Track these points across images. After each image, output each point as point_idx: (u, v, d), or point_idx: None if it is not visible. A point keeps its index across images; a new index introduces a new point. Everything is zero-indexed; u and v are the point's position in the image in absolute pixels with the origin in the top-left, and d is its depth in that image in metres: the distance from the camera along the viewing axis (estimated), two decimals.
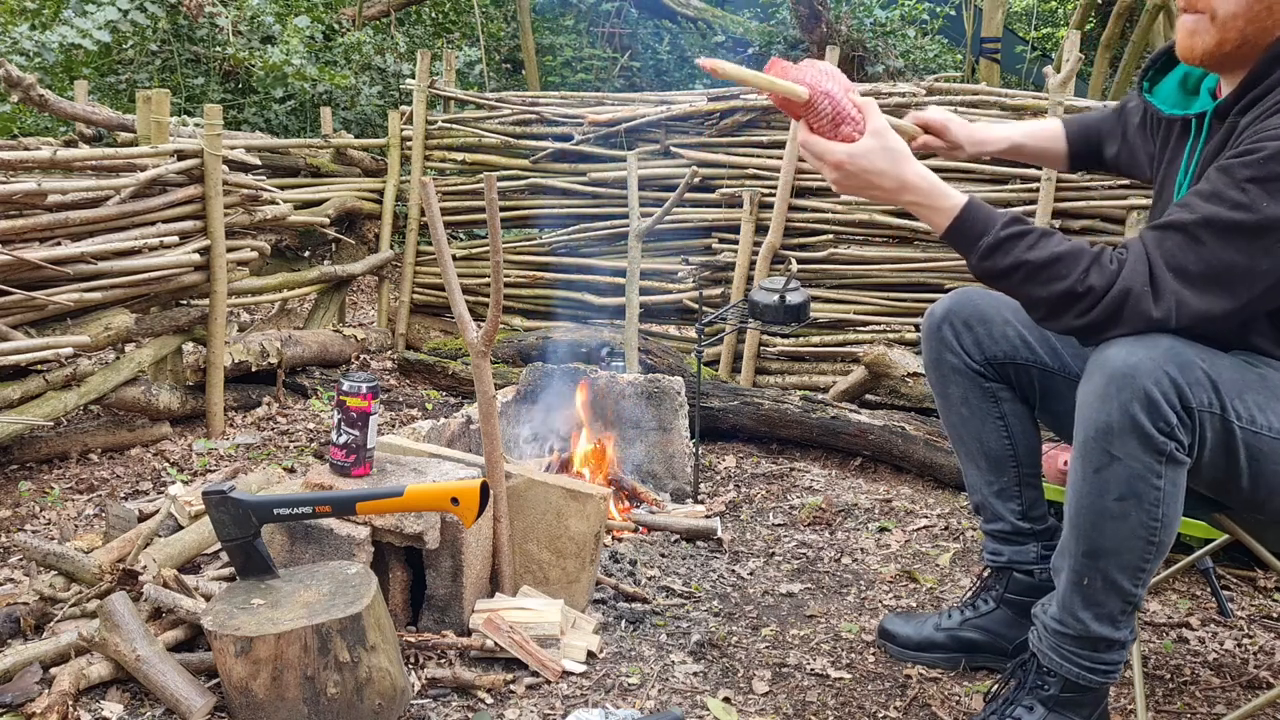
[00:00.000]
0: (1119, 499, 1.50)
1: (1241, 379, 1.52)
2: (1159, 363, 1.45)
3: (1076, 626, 1.61)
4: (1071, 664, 1.63)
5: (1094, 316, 1.49)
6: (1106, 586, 1.57)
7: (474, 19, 9.07)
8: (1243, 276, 1.45)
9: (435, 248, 2.14)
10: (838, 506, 3.07)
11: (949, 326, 1.97)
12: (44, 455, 3.29)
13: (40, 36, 5.87)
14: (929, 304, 4.07)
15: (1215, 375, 1.49)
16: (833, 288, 4.21)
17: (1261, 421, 1.51)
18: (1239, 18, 1.50)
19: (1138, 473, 1.48)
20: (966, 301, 1.97)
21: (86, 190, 3.11)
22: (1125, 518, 1.51)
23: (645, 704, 1.91)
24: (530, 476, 2.22)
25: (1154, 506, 1.50)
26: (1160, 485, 1.49)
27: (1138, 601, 1.59)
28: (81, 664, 1.85)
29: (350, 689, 1.74)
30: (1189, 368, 1.46)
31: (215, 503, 1.91)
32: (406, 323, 5.07)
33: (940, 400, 2.04)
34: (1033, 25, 12.59)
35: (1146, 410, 1.45)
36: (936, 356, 2.00)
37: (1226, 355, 1.56)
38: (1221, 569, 2.55)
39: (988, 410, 1.97)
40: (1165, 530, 1.53)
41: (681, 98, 4.50)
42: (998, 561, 2.06)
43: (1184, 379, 1.45)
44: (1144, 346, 1.47)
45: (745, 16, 9.72)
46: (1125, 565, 1.54)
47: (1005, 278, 1.55)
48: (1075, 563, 1.59)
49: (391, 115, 5.06)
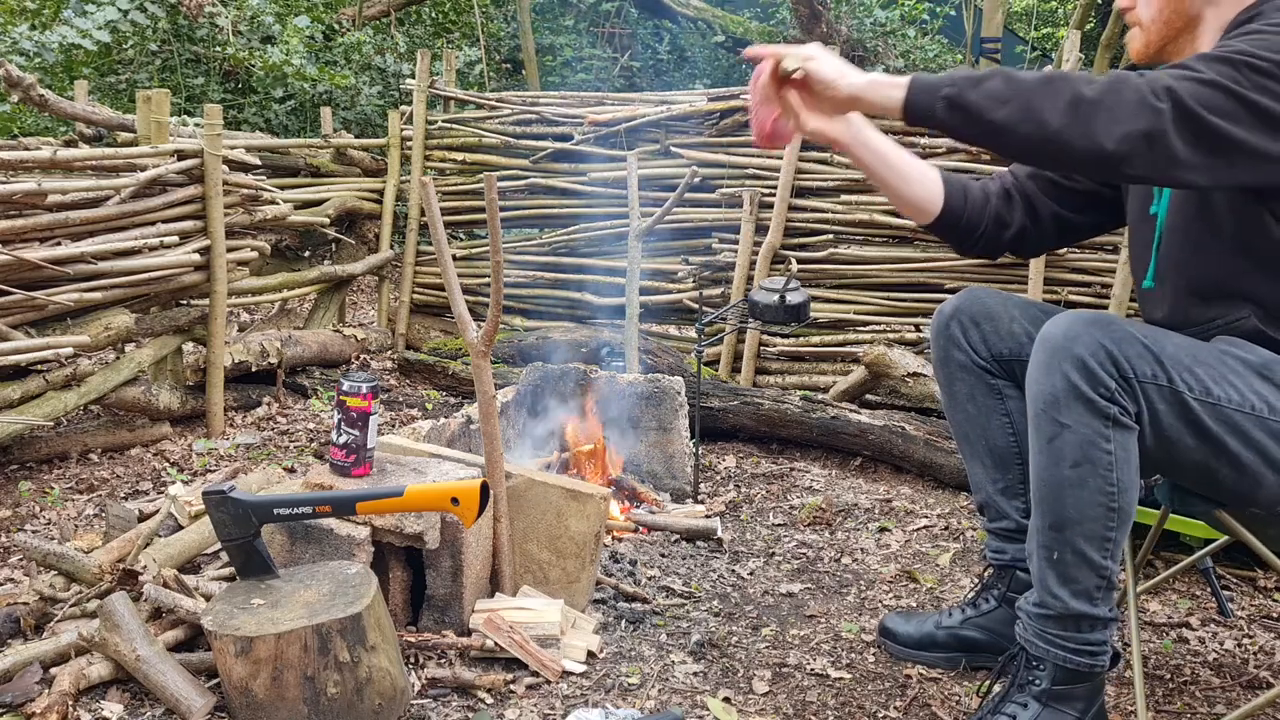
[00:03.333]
0: (1074, 465, 1.55)
1: (1192, 354, 1.55)
2: (1095, 335, 1.52)
3: (1055, 605, 1.63)
4: (1056, 647, 1.65)
5: (1094, 93, 1.42)
6: (1077, 559, 1.60)
7: (474, 19, 9.07)
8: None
9: (435, 248, 2.14)
10: (838, 506, 3.07)
11: (956, 324, 1.99)
12: (44, 455, 3.29)
13: (40, 36, 5.87)
14: (929, 304, 4.11)
15: (1158, 350, 1.53)
16: (833, 288, 4.21)
17: (1218, 393, 1.53)
18: (1156, 21, 1.69)
19: (1088, 438, 1.54)
20: (974, 299, 1.99)
21: (86, 190, 3.11)
22: (1083, 484, 1.56)
23: (645, 704, 1.91)
24: (530, 476, 2.22)
25: (1108, 471, 1.55)
26: (1110, 449, 1.54)
27: (1110, 576, 1.61)
28: (81, 664, 1.85)
29: (350, 689, 1.74)
30: (1127, 340, 1.52)
31: (215, 503, 1.90)
32: (406, 323, 5.07)
33: (946, 397, 2.06)
34: (1033, 25, 12.60)
35: (1084, 376, 1.52)
36: (944, 354, 2.02)
37: (1179, 335, 1.60)
38: (1221, 569, 2.55)
39: (993, 407, 1.98)
40: (1123, 496, 1.57)
41: (681, 98, 4.50)
42: (1001, 560, 2.07)
43: (1120, 350, 1.51)
44: (1083, 322, 1.54)
45: (745, 16, 9.73)
46: (1091, 534, 1.58)
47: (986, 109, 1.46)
48: (1043, 538, 1.63)
49: (391, 115, 5.06)
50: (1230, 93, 1.41)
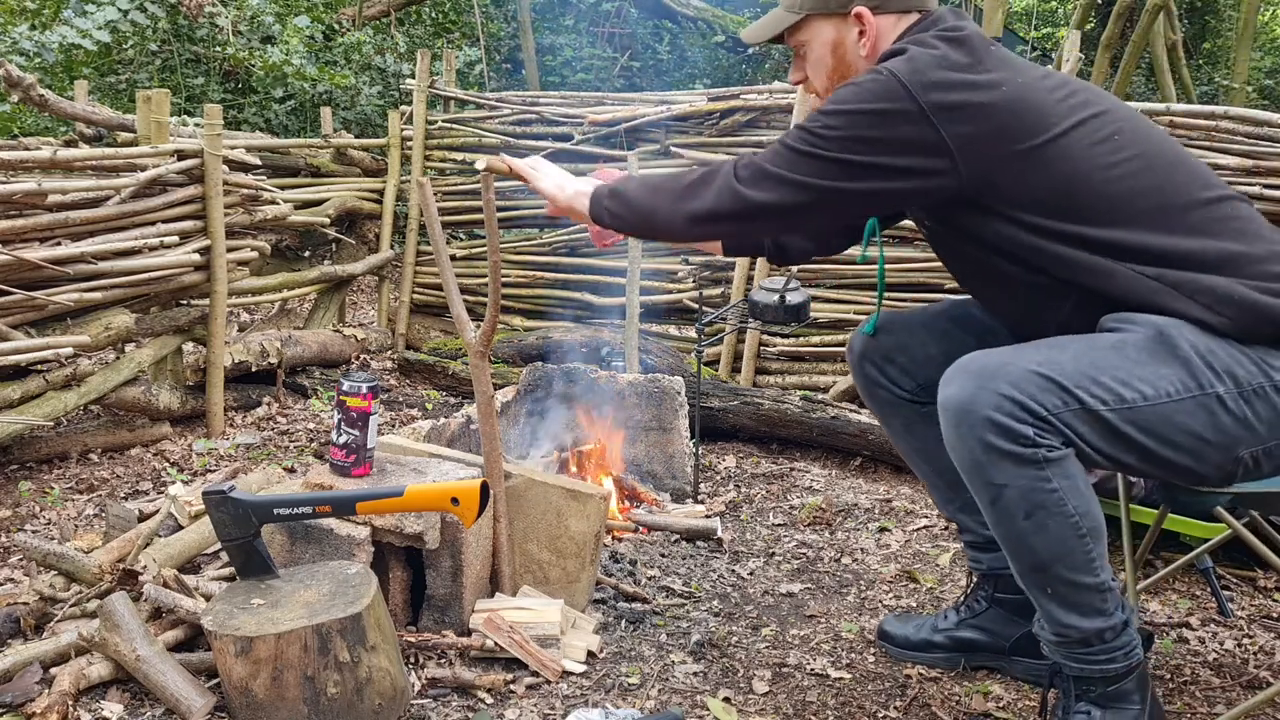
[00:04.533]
0: (1027, 516, 1.54)
1: (1090, 362, 1.52)
2: (992, 388, 1.49)
3: (1072, 633, 1.63)
4: (1093, 664, 1.65)
5: (689, 183, 1.69)
6: (1070, 588, 1.59)
7: (474, 19, 9.07)
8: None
9: (433, 248, 2.14)
10: (838, 506, 3.07)
11: (870, 364, 2.02)
12: (44, 455, 3.29)
13: (40, 36, 5.87)
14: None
15: (1057, 374, 1.50)
16: (833, 288, 4.21)
17: (1130, 396, 1.50)
18: (827, 90, 1.81)
19: (1028, 487, 1.51)
20: (882, 334, 2.01)
21: (86, 190, 3.11)
22: (1043, 529, 1.54)
23: (645, 704, 1.91)
24: (530, 476, 2.22)
25: (1061, 505, 1.53)
26: (1055, 486, 1.52)
27: (1108, 584, 1.61)
28: (81, 664, 1.85)
29: (350, 689, 1.74)
30: (1024, 380, 1.49)
31: (215, 503, 1.90)
32: (406, 323, 5.07)
33: (886, 429, 2.09)
34: (1033, 25, 12.59)
35: (1000, 434, 1.49)
36: (869, 392, 2.05)
37: (1071, 339, 1.58)
38: (1221, 569, 2.55)
39: (931, 434, 1.87)
40: (1089, 517, 1.56)
41: (681, 98, 4.50)
42: (979, 568, 2.09)
43: (1022, 393, 1.48)
44: (975, 378, 1.52)
45: (745, 16, 9.73)
46: (1074, 564, 1.57)
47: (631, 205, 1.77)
48: (1029, 581, 1.63)
49: (391, 115, 5.06)
50: (784, 145, 1.63)
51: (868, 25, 1.71)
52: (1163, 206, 1.59)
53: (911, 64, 1.57)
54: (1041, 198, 1.59)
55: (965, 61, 1.59)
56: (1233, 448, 1.54)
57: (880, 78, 1.58)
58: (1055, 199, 1.59)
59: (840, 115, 1.59)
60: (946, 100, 1.55)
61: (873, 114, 1.56)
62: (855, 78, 1.66)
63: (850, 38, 1.74)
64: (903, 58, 1.60)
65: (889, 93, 1.56)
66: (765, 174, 1.63)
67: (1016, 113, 1.57)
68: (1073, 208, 1.59)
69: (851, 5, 1.71)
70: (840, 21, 1.73)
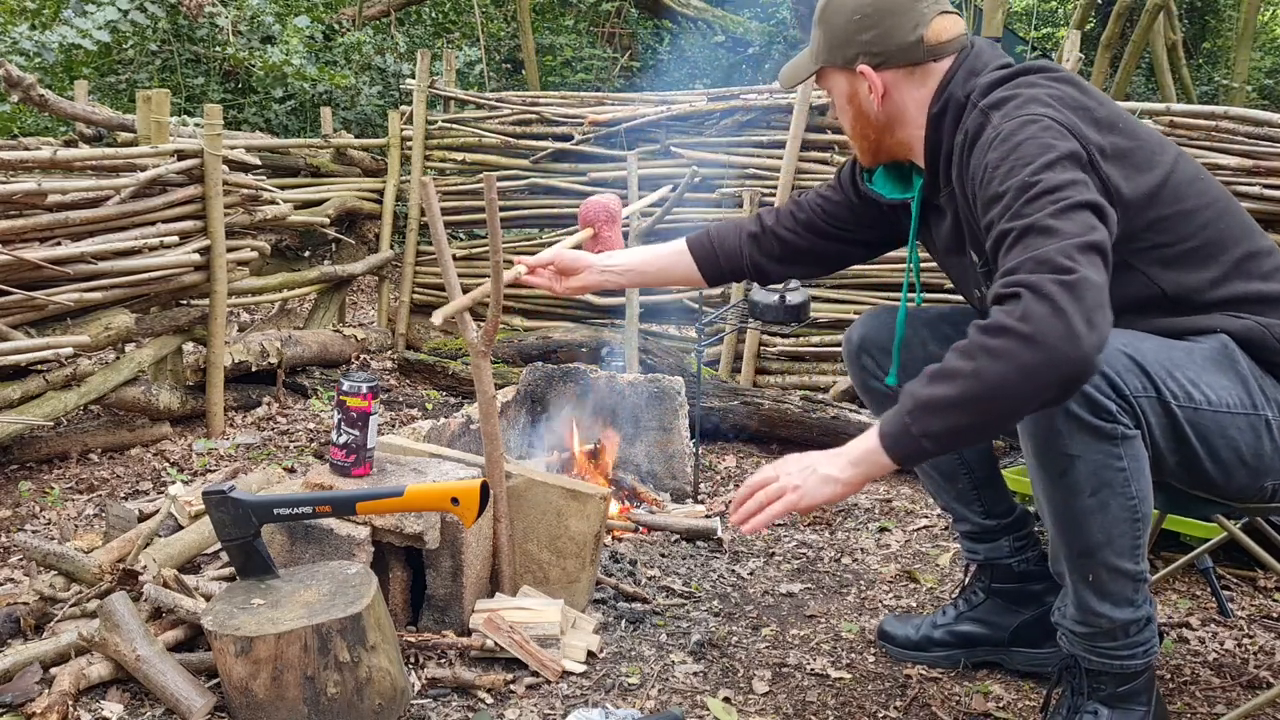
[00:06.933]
0: (1093, 493, 1.54)
1: (1167, 356, 1.55)
2: None
3: (1101, 622, 1.63)
4: (1113, 658, 1.65)
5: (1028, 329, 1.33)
6: (1112, 574, 1.59)
7: (474, 19, 9.07)
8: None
9: (435, 247, 2.14)
10: (838, 506, 3.07)
11: (868, 357, 2.02)
12: (44, 455, 3.29)
13: (40, 36, 5.87)
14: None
15: (1140, 358, 1.52)
16: (833, 288, 4.21)
17: (1198, 397, 1.53)
18: (854, 137, 1.84)
19: (1100, 463, 1.52)
20: (880, 327, 2.01)
21: (86, 190, 3.11)
22: (1105, 509, 1.55)
23: (645, 704, 1.91)
24: (530, 476, 2.22)
25: (1126, 486, 1.54)
26: (1124, 465, 1.53)
27: (1144, 574, 1.61)
28: (81, 664, 1.85)
29: (350, 689, 1.74)
30: (1113, 358, 1.50)
31: (215, 503, 1.90)
32: (407, 323, 5.07)
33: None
34: (1033, 25, 12.59)
35: (1084, 405, 1.49)
36: (864, 384, 2.06)
37: (1148, 335, 1.60)
38: (1221, 569, 2.55)
39: None
40: (1144, 503, 1.56)
41: (681, 98, 4.50)
42: (975, 559, 2.10)
43: (1111, 369, 1.49)
44: None
45: (745, 16, 9.72)
46: (1121, 549, 1.58)
47: (954, 407, 1.39)
48: (1074, 565, 1.62)
49: (391, 115, 5.06)
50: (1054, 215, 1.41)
51: (871, 81, 1.73)
52: (1252, 253, 1.65)
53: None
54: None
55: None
56: (1263, 475, 1.59)
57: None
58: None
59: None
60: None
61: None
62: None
63: (862, 90, 1.76)
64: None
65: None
66: (1074, 250, 1.37)
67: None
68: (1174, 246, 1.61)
69: (855, 63, 1.73)
70: (850, 75, 1.76)
